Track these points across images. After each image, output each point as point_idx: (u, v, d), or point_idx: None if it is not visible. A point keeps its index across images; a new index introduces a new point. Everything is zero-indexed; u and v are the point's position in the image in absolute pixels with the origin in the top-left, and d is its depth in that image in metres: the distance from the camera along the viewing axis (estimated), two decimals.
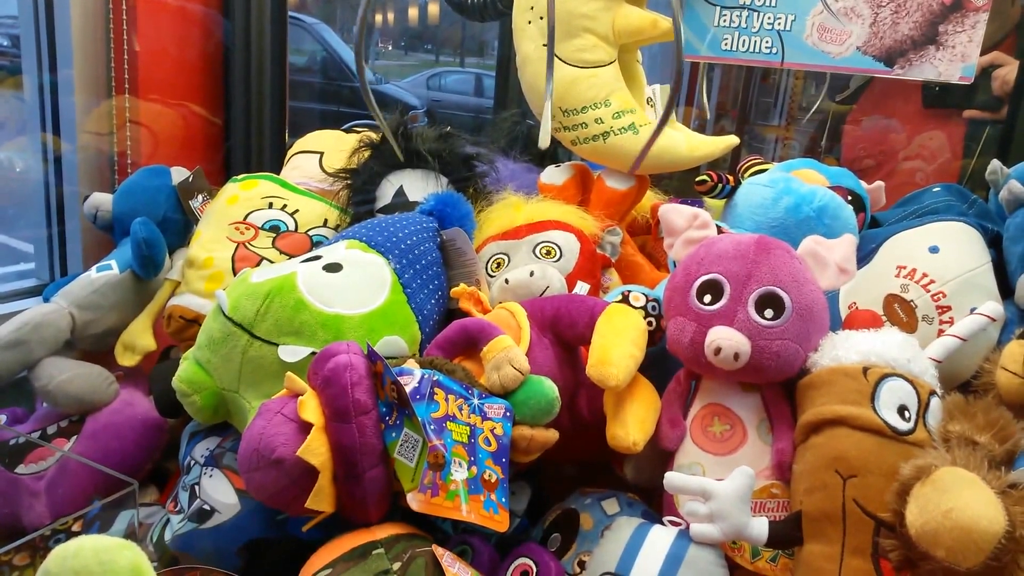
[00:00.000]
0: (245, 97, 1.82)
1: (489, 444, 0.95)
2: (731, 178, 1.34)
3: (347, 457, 0.88)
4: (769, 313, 0.97)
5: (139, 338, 1.29)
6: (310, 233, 1.38)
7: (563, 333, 1.11)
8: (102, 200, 1.43)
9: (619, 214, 1.42)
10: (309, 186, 1.50)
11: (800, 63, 1.38)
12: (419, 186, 1.40)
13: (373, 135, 1.49)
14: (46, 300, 1.30)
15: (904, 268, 1.14)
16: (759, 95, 3.14)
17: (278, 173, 1.55)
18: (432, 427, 0.90)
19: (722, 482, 0.88)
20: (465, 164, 1.45)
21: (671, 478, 0.91)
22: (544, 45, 1.38)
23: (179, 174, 1.45)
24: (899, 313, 1.13)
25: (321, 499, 0.88)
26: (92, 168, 1.67)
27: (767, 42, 1.39)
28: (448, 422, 0.92)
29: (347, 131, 1.70)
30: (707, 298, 1.01)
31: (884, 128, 2.29)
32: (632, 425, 1.00)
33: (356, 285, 1.07)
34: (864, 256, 1.20)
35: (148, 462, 1.27)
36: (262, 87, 1.83)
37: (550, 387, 0.99)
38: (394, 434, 0.89)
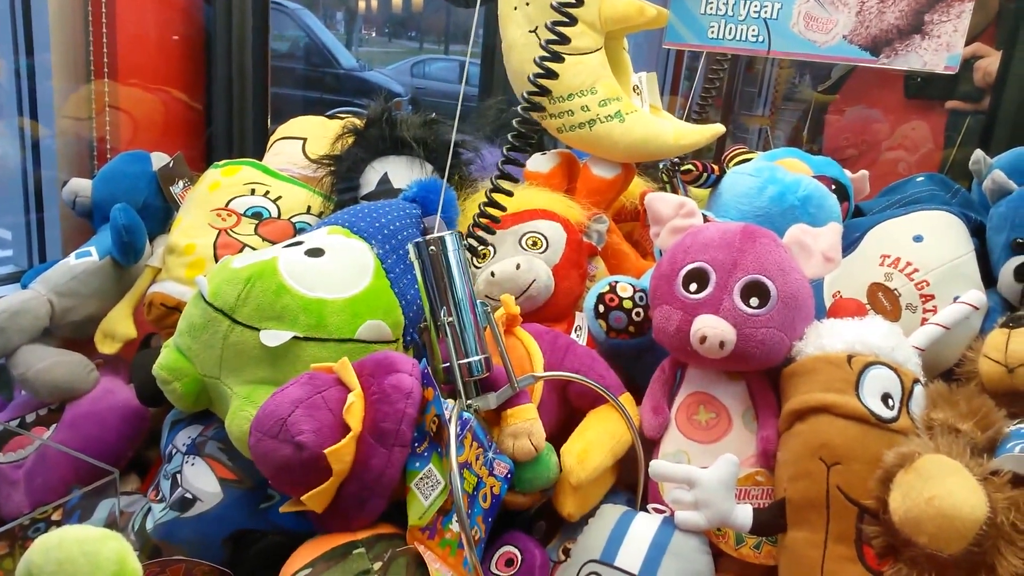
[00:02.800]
0: (227, 82, 1.80)
1: (485, 500, 0.94)
2: (716, 167, 1.34)
3: (364, 478, 0.87)
4: (754, 301, 0.98)
5: (119, 326, 1.28)
6: (293, 220, 1.36)
7: (571, 397, 1.11)
8: (81, 186, 1.41)
9: (605, 202, 1.42)
10: (292, 172, 1.49)
11: (786, 52, 1.38)
12: (404, 173, 1.39)
13: (357, 121, 1.47)
14: (24, 287, 1.28)
15: (888, 257, 1.15)
16: (743, 85, 3.15)
17: (260, 159, 1.53)
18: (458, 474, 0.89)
19: (707, 470, 0.88)
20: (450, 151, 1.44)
21: (656, 466, 0.92)
22: (531, 31, 1.37)
23: (159, 160, 1.43)
24: (883, 302, 1.14)
25: (318, 500, 0.87)
26: (71, 153, 1.64)
27: (753, 30, 1.38)
28: (464, 469, 0.90)
29: (331, 117, 1.68)
30: (693, 287, 1.01)
31: (866, 118, 2.30)
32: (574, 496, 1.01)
33: (338, 269, 1.06)
34: (848, 245, 1.20)
35: (129, 450, 1.26)
36: (244, 72, 1.81)
37: (554, 464, 1.00)
38: (418, 464, 0.88)
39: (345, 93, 5.54)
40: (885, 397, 0.88)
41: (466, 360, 0.98)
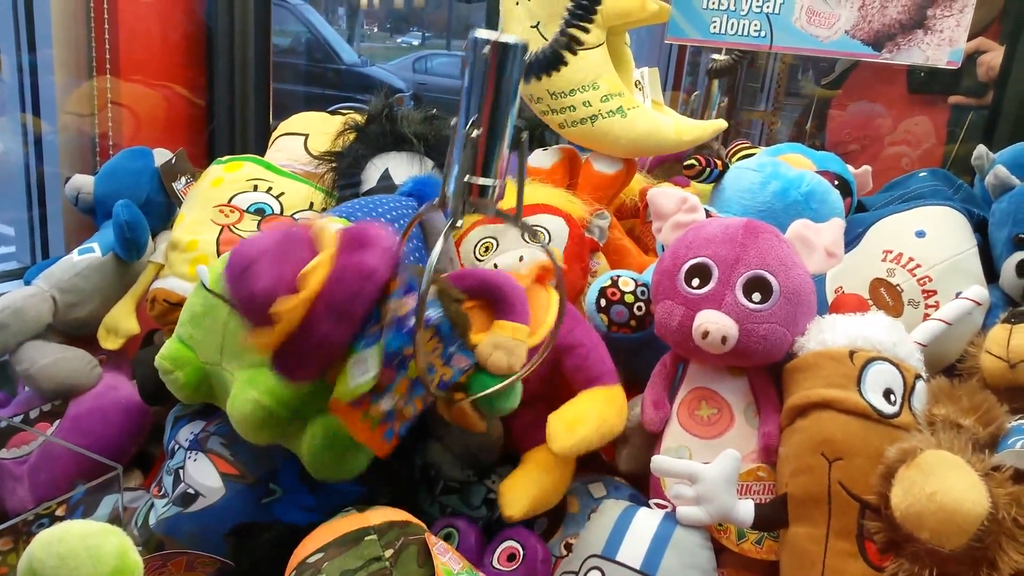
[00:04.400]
0: (229, 78, 1.80)
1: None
2: (719, 162, 1.34)
3: (307, 340, 0.85)
4: (757, 297, 0.98)
5: (122, 321, 1.28)
6: (295, 216, 1.37)
7: (565, 370, 1.09)
8: (84, 182, 1.41)
9: (607, 198, 1.42)
10: (294, 168, 1.49)
11: (789, 47, 1.38)
12: (404, 169, 1.38)
13: (358, 117, 1.47)
14: (27, 283, 1.28)
15: (891, 252, 1.15)
16: (746, 80, 3.14)
17: (263, 155, 1.53)
18: (396, 362, 0.88)
19: (708, 465, 0.89)
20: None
21: (658, 461, 0.92)
22: (533, 27, 1.37)
23: (162, 156, 1.43)
24: (885, 297, 1.13)
25: (261, 345, 0.86)
26: (73, 150, 1.64)
27: (756, 25, 1.38)
28: (411, 360, 0.90)
29: (332, 113, 1.68)
30: (695, 282, 1.01)
31: (869, 113, 2.29)
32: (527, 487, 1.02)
33: None
34: (851, 240, 1.20)
35: (132, 446, 1.26)
36: (246, 68, 1.81)
37: (516, 397, 0.98)
38: (362, 343, 0.87)
39: (347, 89, 5.54)
40: (887, 393, 0.88)
41: (481, 180, 0.94)
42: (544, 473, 1.06)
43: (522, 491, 1.04)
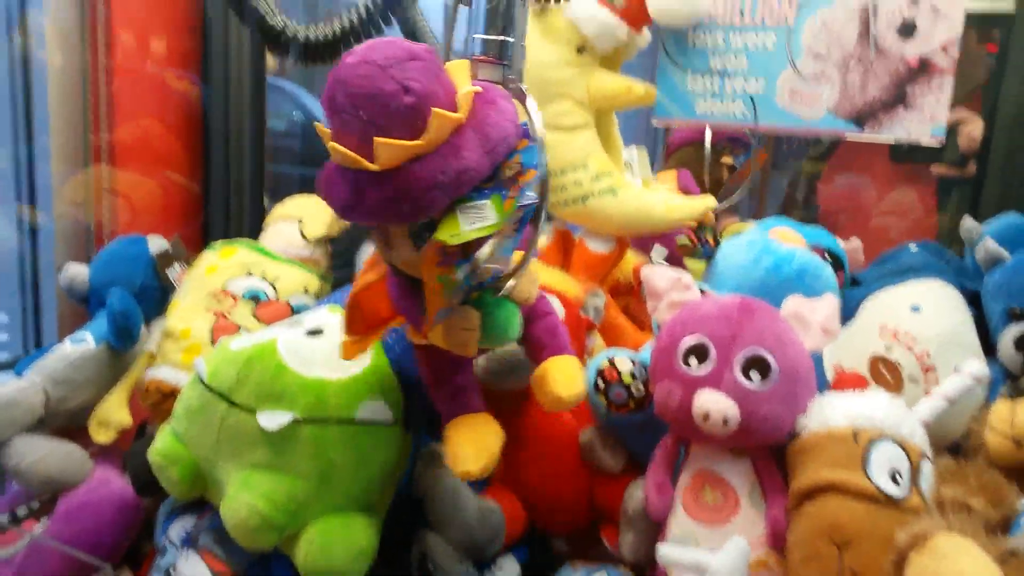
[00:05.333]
0: (224, 163, 1.82)
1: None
2: (711, 240, 1.35)
3: (442, 166, 0.77)
4: (756, 376, 0.97)
5: (114, 413, 1.26)
6: (291, 301, 1.36)
7: (535, 327, 1.04)
8: (78, 271, 1.41)
9: (601, 276, 1.43)
10: (289, 253, 1.49)
11: (773, 126, 1.41)
12: None
13: None
14: (19, 374, 1.27)
15: (887, 328, 1.15)
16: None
17: (257, 239, 1.54)
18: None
19: (717, 556, 0.86)
20: None
21: (664, 551, 0.89)
22: None
23: (157, 243, 1.43)
24: (885, 374, 1.13)
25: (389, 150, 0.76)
26: (68, 238, 1.65)
27: (740, 106, 1.42)
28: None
29: None
30: (693, 361, 1.00)
31: (856, 185, 2.33)
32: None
33: (338, 349, 1.06)
34: (845, 316, 1.20)
35: (125, 542, 1.23)
36: (241, 152, 1.84)
37: (516, 330, 0.94)
38: (474, 195, 0.81)
39: None
40: (893, 474, 0.87)
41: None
42: (488, 427, 1.01)
43: (470, 447, 0.98)
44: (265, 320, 1.29)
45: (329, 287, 1.40)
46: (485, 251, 0.83)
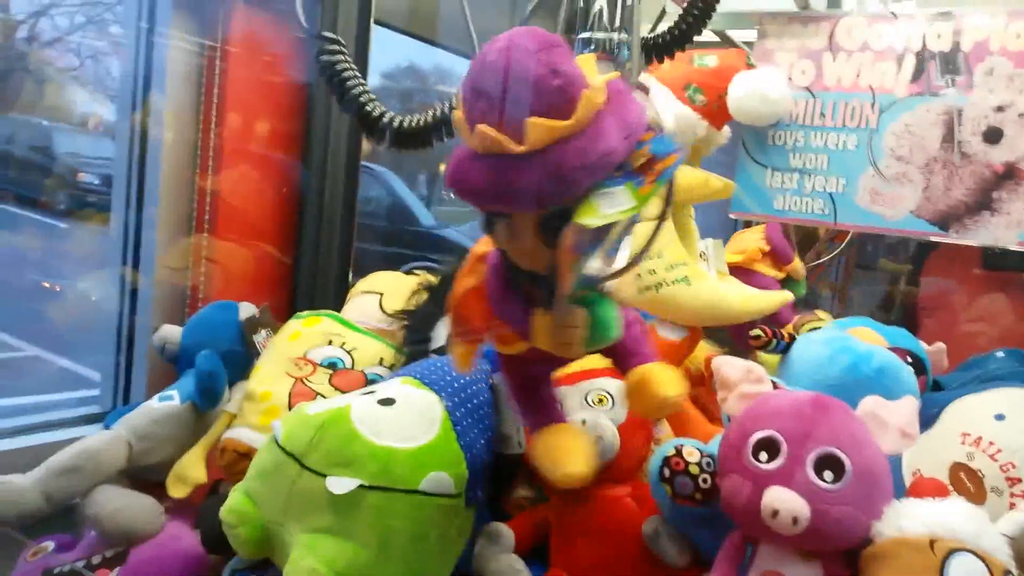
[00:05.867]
0: (315, 239, 1.92)
1: None
2: (786, 334, 1.34)
3: (586, 147, 0.78)
4: (828, 476, 0.94)
5: (191, 470, 1.31)
6: (366, 371, 1.41)
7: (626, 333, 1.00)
8: (171, 332, 1.50)
9: (672, 364, 1.42)
10: (368, 325, 1.55)
11: (853, 224, 1.41)
12: None
13: (432, 278, 1.54)
14: (107, 427, 1.34)
15: (969, 435, 1.10)
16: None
17: (340, 311, 1.60)
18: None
19: None
20: None
21: None
22: None
23: (246, 309, 1.51)
24: (966, 483, 1.08)
25: (541, 128, 0.77)
26: (165, 301, 1.74)
27: (819, 203, 1.42)
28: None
29: (407, 273, 1.76)
30: (763, 456, 0.98)
31: (946, 290, 2.27)
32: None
33: (408, 420, 1.08)
34: (926, 421, 1.16)
35: None
36: (332, 230, 1.93)
37: (619, 328, 0.92)
38: (610, 182, 0.81)
39: (422, 249, 5.79)
40: None
41: None
42: (580, 438, 1.01)
43: (575, 451, 0.98)
44: (341, 388, 1.34)
45: (404, 359, 1.43)
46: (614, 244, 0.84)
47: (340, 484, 1.00)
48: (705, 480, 1.10)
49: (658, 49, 1.40)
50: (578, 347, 0.91)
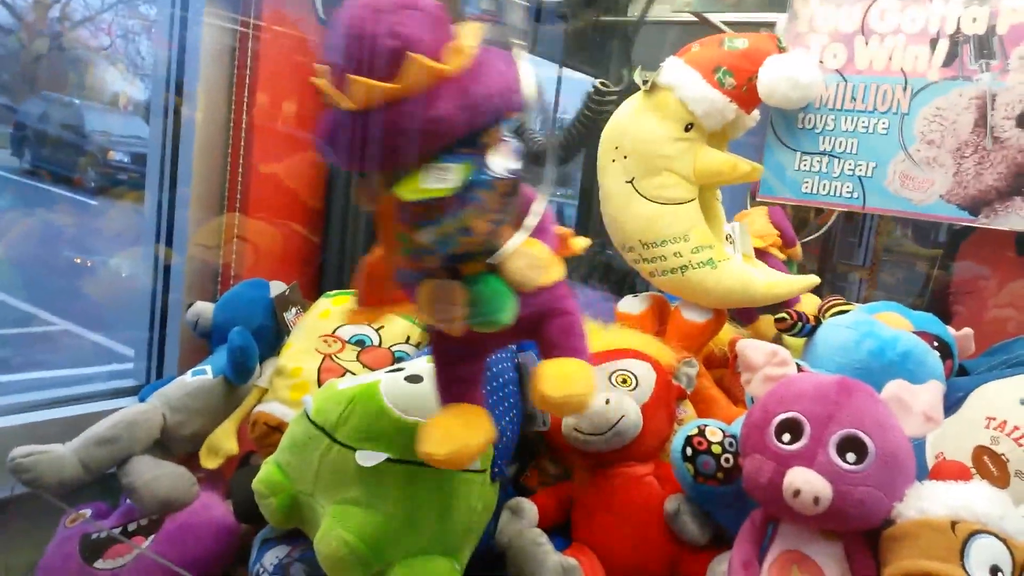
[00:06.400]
0: (342, 218, 1.94)
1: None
2: (811, 317, 1.34)
3: (419, 113, 0.77)
4: (851, 457, 0.95)
5: (223, 442, 1.34)
6: (393, 349, 1.43)
7: (551, 324, 0.98)
8: (204, 308, 1.53)
9: (696, 346, 1.43)
10: None
11: (881, 208, 1.40)
12: None
13: None
14: (142, 400, 1.37)
15: (994, 420, 1.10)
16: (843, 235, 3.14)
17: None
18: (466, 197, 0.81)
19: None
20: None
21: None
22: (627, 182, 1.44)
23: (277, 287, 1.54)
24: (989, 466, 1.08)
25: (364, 89, 0.76)
26: (197, 279, 1.78)
27: (848, 187, 1.41)
28: (471, 207, 0.83)
29: None
30: (786, 437, 0.99)
31: (977, 275, 2.24)
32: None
33: (434, 396, 1.10)
34: (951, 405, 1.16)
35: (220, 566, 1.29)
36: (358, 210, 1.95)
37: (509, 315, 0.88)
38: (450, 157, 0.80)
39: None
40: (994, 570, 0.83)
41: None
42: (475, 421, 0.97)
43: (450, 433, 0.94)
44: (369, 365, 1.36)
45: (429, 337, 1.45)
46: (456, 217, 0.81)
47: (368, 457, 1.02)
48: (727, 460, 1.12)
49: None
50: (456, 324, 0.89)
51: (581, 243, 1.10)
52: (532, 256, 0.90)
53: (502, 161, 0.84)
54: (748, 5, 1.93)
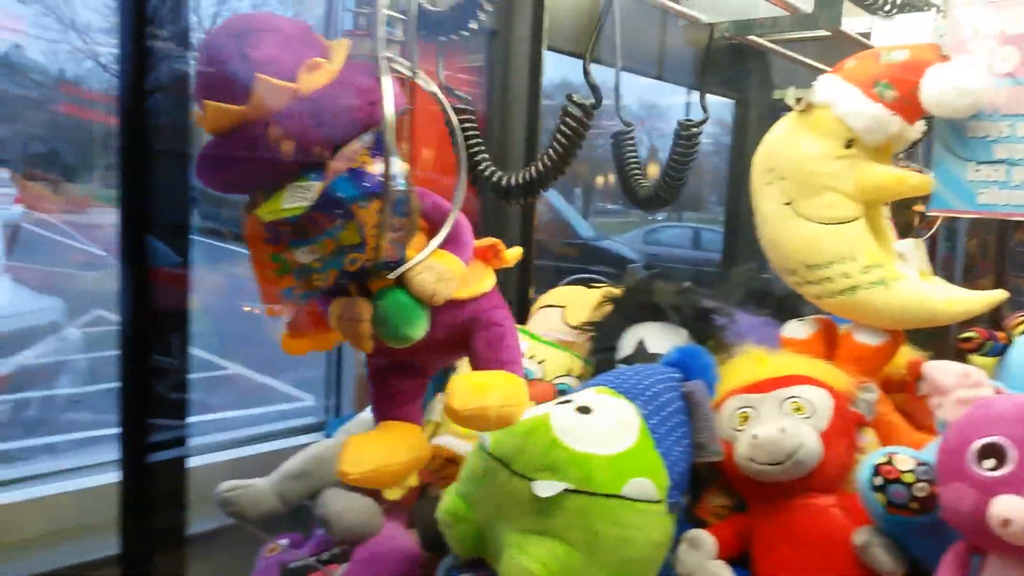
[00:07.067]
0: None
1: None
2: (1001, 335, 1.26)
3: (269, 133, 0.80)
4: None
5: None
6: (555, 381, 1.46)
7: (477, 337, 1.01)
8: None
9: (871, 371, 1.37)
10: (552, 337, 1.60)
11: None
12: (660, 339, 1.45)
13: (615, 290, 1.57)
14: (328, 436, 1.47)
15: None
16: (1015, 245, 2.91)
17: (523, 325, 1.66)
18: (336, 213, 0.83)
19: None
20: (704, 317, 1.48)
21: None
22: (786, 204, 1.41)
23: None
24: None
25: (213, 116, 0.81)
26: None
27: None
28: (349, 225, 0.85)
29: (584, 284, 1.81)
30: (989, 463, 0.93)
31: None
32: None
33: (605, 427, 1.12)
34: None
35: None
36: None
37: (419, 329, 0.89)
38: (314, 175, 0.82)
39: (583, 261, 5.86)
40: None
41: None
42: (398, 440, 0.98)
43: (368, 452, 0.95)
44: (533, 397, 1.39)
45: (591, 369, 1.48)
46: (333, 235, 0.83)
47: (546, 488, 1.05)
48: (921, 488, 1.06)
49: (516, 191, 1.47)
50: (364, 340, 0.89)
51: (513, 254, 1.12)
52: (440, 269, 0.91)
53: (372, 175, 0.85)
54: None
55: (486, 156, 1.66)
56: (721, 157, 3.78)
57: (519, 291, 1.99)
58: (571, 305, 1.70)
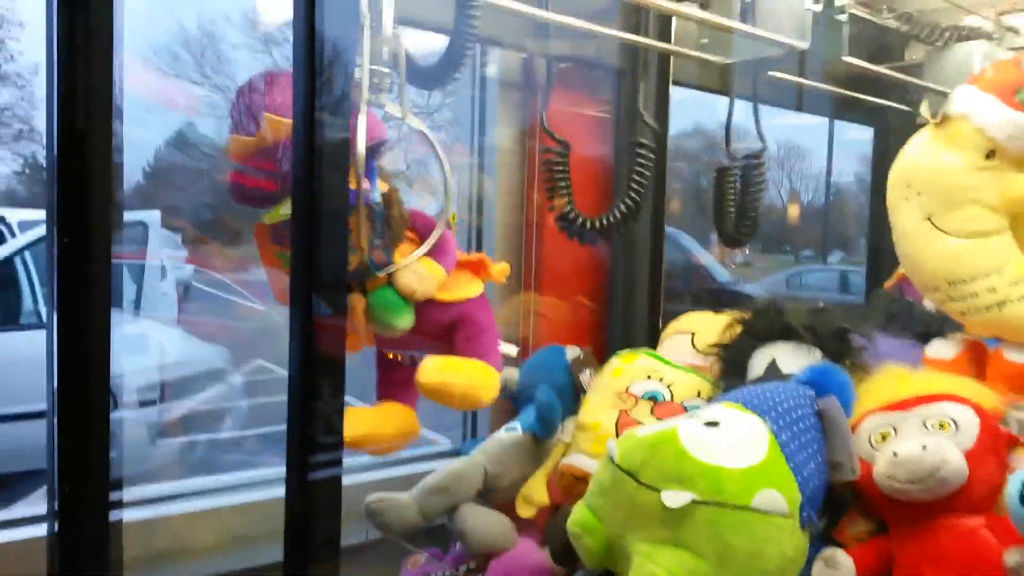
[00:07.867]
0: (624, 290, 2.06)
1: None
2: None
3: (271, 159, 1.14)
4: None
5: (536, 492, 1.46)
6: (684, 404, 1.47)
7: (457, 333, 1.25)
8: (511, 374, 1.69)
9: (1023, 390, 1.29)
10: (682, 362, 1.61)
11: None
12: (792, 359, 1.42)
13: (744, 313, 1.56)
14: (464, 454, 1.54)
15: None
16: None
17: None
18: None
19: None
20: (839, 337, 1.45)
21: None
22: (925, 219, 1.38)
23: (572, 351, 1.66)
24: None
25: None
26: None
27: None
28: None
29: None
30: None
31: None
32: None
33: (734, 440, 1.12)
34: None
35: None
36: (637, 287, 2.06)
37: (407, 319, 1.10)
38: None
39: (721, 305, 5.74)
40: None
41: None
42: (391, 416, 1.20)
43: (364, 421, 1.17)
44: (661, 419, 1.41)
45: (720, 392, 1.47)
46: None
47: (674, 498, 1.06)
48: None
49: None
50: (360, 329, 1.10)
51: (500, 268, 1.35)
52: (422, 272, 1.14)
53: (354, 192, 1.05)
54: None
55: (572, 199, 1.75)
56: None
57: (649, 321, 2.02)
58: (699, 331, 1.70)
